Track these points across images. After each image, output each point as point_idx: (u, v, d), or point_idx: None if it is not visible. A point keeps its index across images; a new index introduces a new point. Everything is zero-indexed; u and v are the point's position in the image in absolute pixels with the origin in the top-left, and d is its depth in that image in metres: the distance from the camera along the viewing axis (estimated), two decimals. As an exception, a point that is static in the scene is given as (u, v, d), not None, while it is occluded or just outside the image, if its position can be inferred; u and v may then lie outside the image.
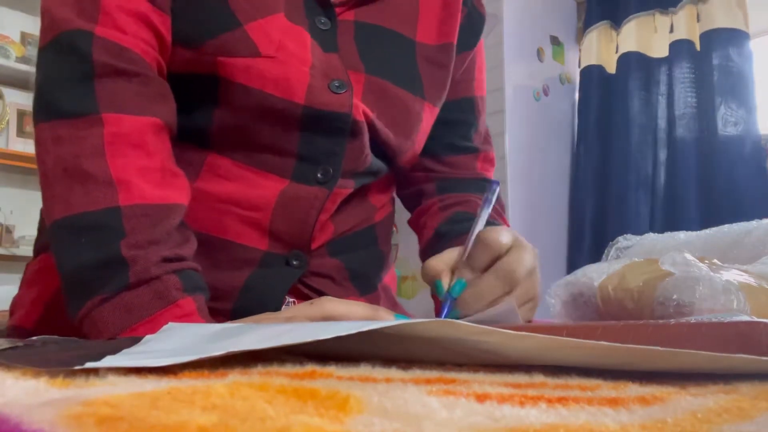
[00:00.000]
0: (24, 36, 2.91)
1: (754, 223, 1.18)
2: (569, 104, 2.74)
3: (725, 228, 1.23)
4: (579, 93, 2.71)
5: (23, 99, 2.90)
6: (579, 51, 2.73)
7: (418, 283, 2.38)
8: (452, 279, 0.52)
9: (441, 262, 0.54)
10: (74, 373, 0.25)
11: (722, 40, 2.28)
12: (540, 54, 2.60)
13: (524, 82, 2.50)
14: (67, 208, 0.50)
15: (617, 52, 2.60)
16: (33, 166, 2.75)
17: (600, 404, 0.22)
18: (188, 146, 0.60)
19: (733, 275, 0.65)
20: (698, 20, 2.37)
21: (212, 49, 0.57)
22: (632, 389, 0.26)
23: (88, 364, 0.25)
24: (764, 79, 2.30)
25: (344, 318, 0.46)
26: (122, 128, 0.52)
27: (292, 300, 0.63)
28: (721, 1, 2.29)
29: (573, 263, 2.50)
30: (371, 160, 0.66)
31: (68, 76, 0.53)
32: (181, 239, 0.52)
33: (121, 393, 0.20)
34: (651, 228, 2.24)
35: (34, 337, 0.37)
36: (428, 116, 0.70)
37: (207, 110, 0.60)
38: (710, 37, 2.31)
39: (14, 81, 2.84)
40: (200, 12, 0.58)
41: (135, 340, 0.34)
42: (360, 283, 0.69)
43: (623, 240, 1.34)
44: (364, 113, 0.62)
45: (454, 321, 0.27)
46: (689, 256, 0.68)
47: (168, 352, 0.29)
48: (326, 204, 0.63)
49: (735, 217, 1.24)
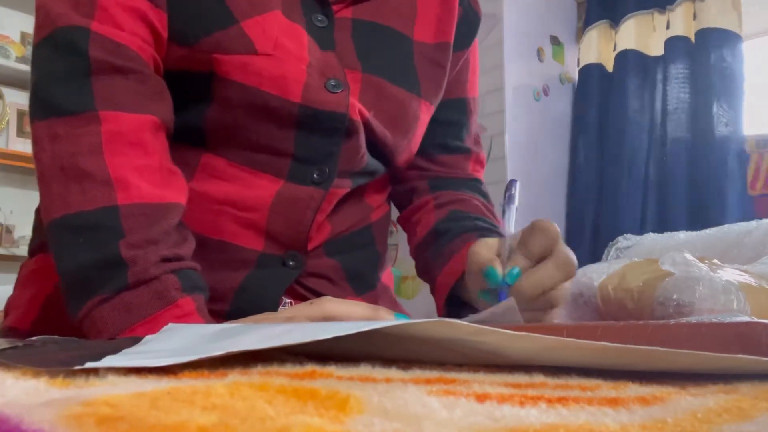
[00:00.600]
0: (24, 36, 2.91)
1: (754, 223, 1.18)
2: (569, 104, 2.74)
3: (725, 228, 1.23)
4: (577, 91, 2.70)
5: (23, 99, 2.90)
6: (578, 50, 2.73)
7: (418, 283, 2.38)
8: (506, 267, 0.51)
9: (489, 250, 0.53)
10: (74, 373, 0.25)
11: (716, 40, 2.28)
12: (540, 54, 2.60)
13: (524, 82, 2.50)
14: (65, 207, 0.50)
15: (615, 50, 2.59)
16: (33, 166, 2.78)
17: (600, 404, 0.22)
18: (183, 145, 0.59)
19: (733, 275, 0.65)
20: (694, 18, 2.37)
21: (207, 47, 0.56)
22: (632, 389, 0.26)
23: (88, 364, 0.25)
24: (758, 81, 2.30)
25: (344, 318, 0.45)
26: (120, 126, 0.52)
27: (289, 301, 0.63)
28: (717, 0, 2.29)
29: (580, 263, 2.50)
30: (368, 160, 0.65)
31: (64, 73, 0.52)
32: (180, 239, 0.52)
33: (121, 393, 0.20)
34: (648, 227, 2.24)
35: (34, 337, 0.37)
36: (425, 115, 0.70)
37: (202, 108, 0.59)
38: (705, 36, 2.31)
39: (14, 81, 2.83)
40: (196, 8, 0.57)
41: (135, 340, 0.34)
42: (357, 284, 0.69)
43: (623, 240, 1.34)
44: (361, 112, 0.62)
45: (454, 321, 0.27)
46: (689, 256, 0.68)
47: (168, 352, 0.29)
48: (322, 204, 0.62)
49: (722, 219, 1.24)
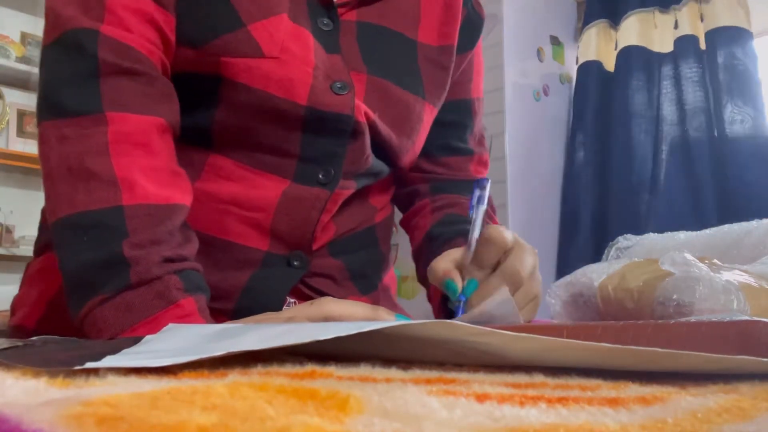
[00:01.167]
0: (24, 36, 2.91)
1: (754, 223, 1.18)
2: (569, 104, 2.74)
3: (725, 228, 1.23)
4: (575, 89, 2.70)
5: (23, 99, 2.90)
6: (577, 48, 2.72)
7: (418, 283, 2.38)
8: (463, 279, 0.52)
9: (449, 263, 0.53)
10: (74, 373, 0.25)
11: (727, 38, 2.27)
12: (540, 54, 2.60)
13: (524, 82, 2.50)
14: (71, 207, 0.50)
15: (617, 48, 2.59)
16: (33, 166, 2.74)
17: (600, 404, 0.22)
18: (190, 146, 0.60)
19: (733, 275, 0.65)
20: (702, 20, 2.37)
21: (215, 49, 0.57)
22: (632, 389, 0.26)
23: (88, 364, 0.25)
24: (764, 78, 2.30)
25: (344, 318, 0.46)
26: (127, 127, 0.52)
27: (293, 300, 0.63)
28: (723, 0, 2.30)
29: (571, 263, 2.50)
30: (372, 161, 0.66)
31: (73, 75, 0.53)
32: (183, 239, 0.52)
33: (121, 393, 0.20)
34: (647, 228, 2.23)
35: (34, 337, 0.37)
36: (428, 117, 0.70)
37: (209, 110, 0.60)
38: (715, 36, 2.31)
39: (14, 81, 2.83)
40: (204, 12, 0.58)
41: (135, 340, 0.34)
42: (361, 283, 0.69)
43: (623, 240, 1.34)
44: (366, 114, 0.62)
45: (454, 322, 0.27)
46: (689, 256, 0.68)
47: (168, 353, 0.29)
48: (328, 205, 0.63)
49: (746, 216, 1.24)
